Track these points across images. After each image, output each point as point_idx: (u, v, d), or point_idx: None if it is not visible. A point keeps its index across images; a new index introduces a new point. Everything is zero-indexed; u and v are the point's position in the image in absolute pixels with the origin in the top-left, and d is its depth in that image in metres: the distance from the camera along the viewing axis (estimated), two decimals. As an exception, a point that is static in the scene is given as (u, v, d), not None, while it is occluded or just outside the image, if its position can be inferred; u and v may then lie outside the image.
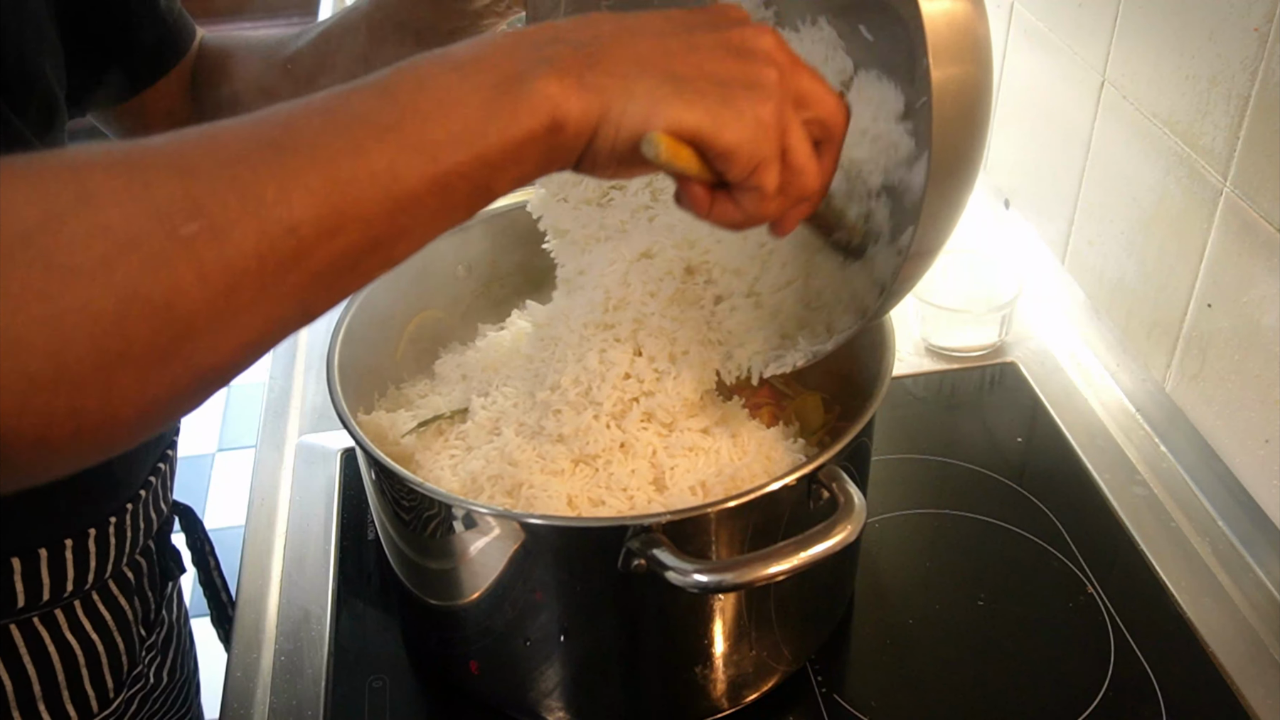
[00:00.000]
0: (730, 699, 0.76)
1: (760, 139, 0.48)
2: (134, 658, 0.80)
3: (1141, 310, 1.00)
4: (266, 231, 0.39)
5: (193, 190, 0.38)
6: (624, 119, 0.46)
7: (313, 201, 0.40)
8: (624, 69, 0.47)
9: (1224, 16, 0.83)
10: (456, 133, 0.43)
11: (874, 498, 0.89)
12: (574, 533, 0.67)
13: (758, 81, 0.49)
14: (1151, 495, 0.94)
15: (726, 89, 0.48)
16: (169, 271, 0.37)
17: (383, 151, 0.42)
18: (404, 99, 0.43)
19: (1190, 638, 0.82)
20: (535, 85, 0.44)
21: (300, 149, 0.40)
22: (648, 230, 0.77)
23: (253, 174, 0.39)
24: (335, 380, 0.74)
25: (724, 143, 0.48)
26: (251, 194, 0.39)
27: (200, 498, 2.40)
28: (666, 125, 0.47)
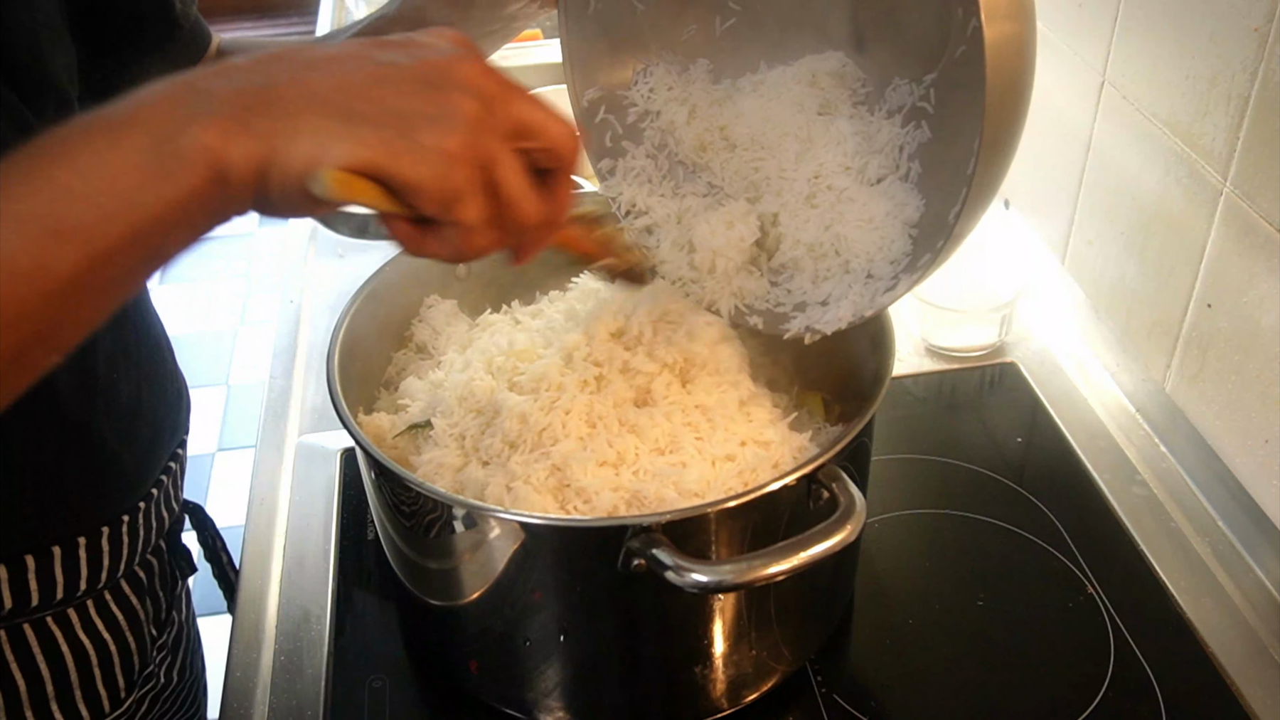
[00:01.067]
0: (730, 699, 0.76)
1: (448, 173, 0.46)
2: (145, 657, 0.80)
3: (1141, 310, 1.00)
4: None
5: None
6: (290, 160, 0.44)
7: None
8: (294, 108, 0.44)
9: (1224, 16, 0.83)
10: (109, 209, 0.41)
11: (874, 498, 0.89)
12: (574, 533, 0.67)
13: (445, 113, 0.46)
14: (1151, 495, 0.94)
15: (406, 121, 0.45)
16: None
17: (26, 243, 0.40)
18: (47, 177, 0.41)
19: (1190, 638, 0.82)
20: (193, 139, 0.42)
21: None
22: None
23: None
24: (335, 380, 0.74)
25: (403, 177, 0.45)
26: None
27: (200, 498, 2.38)
28: (335, 162, 0.44)
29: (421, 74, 0.47)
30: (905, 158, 0.71)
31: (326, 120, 0.44)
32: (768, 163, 0.76)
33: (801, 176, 0.74)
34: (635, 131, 0.80)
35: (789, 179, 0.75)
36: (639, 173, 0.79)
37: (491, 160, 0.47)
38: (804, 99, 0.74)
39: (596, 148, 0.80)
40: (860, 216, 0.71)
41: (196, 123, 0.43)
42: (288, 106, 0.44)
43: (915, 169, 0.71)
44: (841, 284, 0.72)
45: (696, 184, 0.79)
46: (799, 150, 0.74)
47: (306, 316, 1.19)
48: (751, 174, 0.77)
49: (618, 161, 0.80)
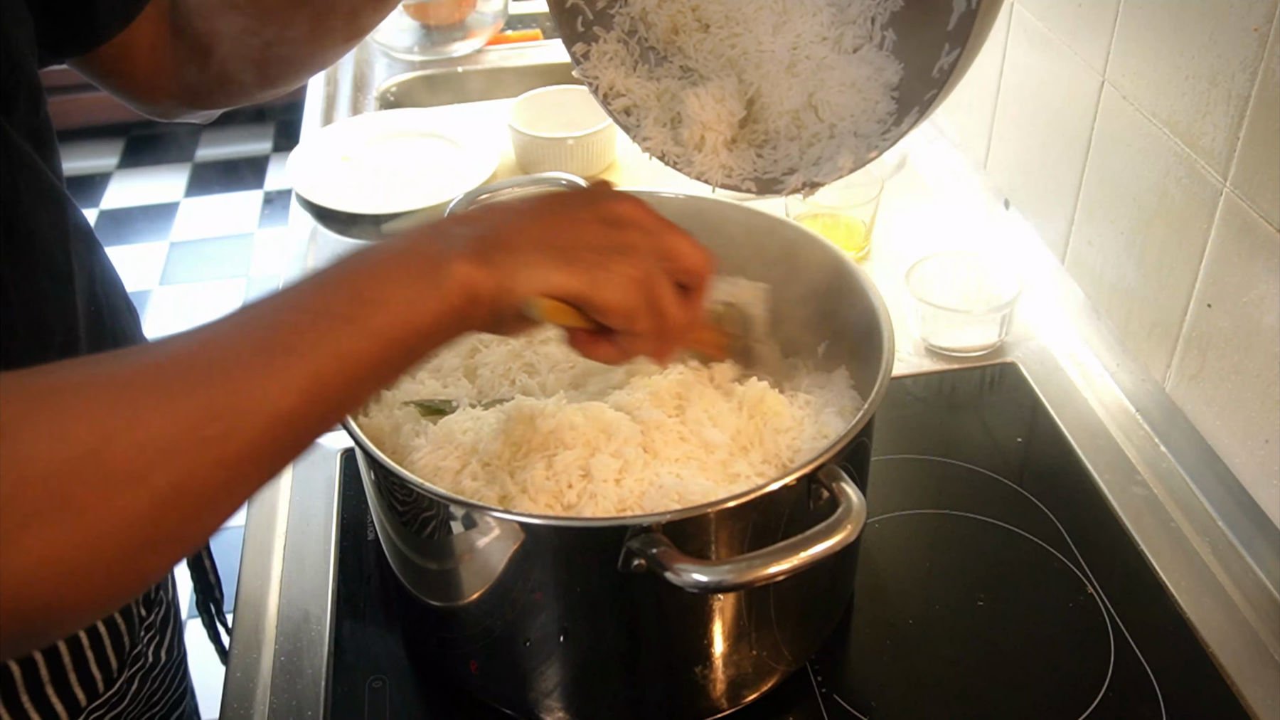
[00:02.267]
0: (730, 699, 0.76)
1: (631, 294, 0.58)
2: (134, 637, 0.80)
3: (1141, 310, 1.00)
4: (270, 423, 0.48)
5: (210, 399, 0.46)
6: (517, 286, 0.56)
7: (300, 393, 0.48)
8: (518, 245, 0.57)
9: (1224, 16, 0.83)
10: (400, 316, 0.52)
11: (874, 498, 0.89)
12: (574, 533, 0.67)
13: (627, 246, 0.59)
14: (1151, 495, 0.94)
15: (601, 255, 0.58)
16: (198, 467, 0.46)
17: (347, 340, 0.51)
18: (358, 292, 0.52)
19: (1190, 638, 0.82)
20: (453, 268, 0.54)
21: (285, 348, 0.49)
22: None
23: (253, 378, 0.48)
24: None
25: (601, 301, 0.58)
26: (256, 394, 0.47)
27: (200, 498, 2.39)
28: (550, 290, 0.57)
29: (604, 215, 0.60)
30: (878, 27, 0.72)
31: (542, 257, 0.57)
32: (744, 38, 0.77)
33: (780, 48, 0.75)
34: (605, 18, 0.80)
35: (767, 51, 0.76)
36: (612, 56, 0.80)
37: (654, 278, 0.60)
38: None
39: (567, 34, 0.80)
40: (841, 81, 0.73)
41: (454, 256, 0.54)
42: (514, 245, 0.57)
43: (890, 37, 0.72)
44: (830, 146, 0.73)
45: (670, 68, 0.79)
46: (775, 23, 0.75)
47: (306, 316, 1.19)
48: (728, 50, 0.77)
49: (591, 46, 0.80)
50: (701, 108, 0.76)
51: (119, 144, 3.71)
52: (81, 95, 3.72)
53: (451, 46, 1.69)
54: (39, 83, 0.68)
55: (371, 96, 1.63)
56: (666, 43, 0.80)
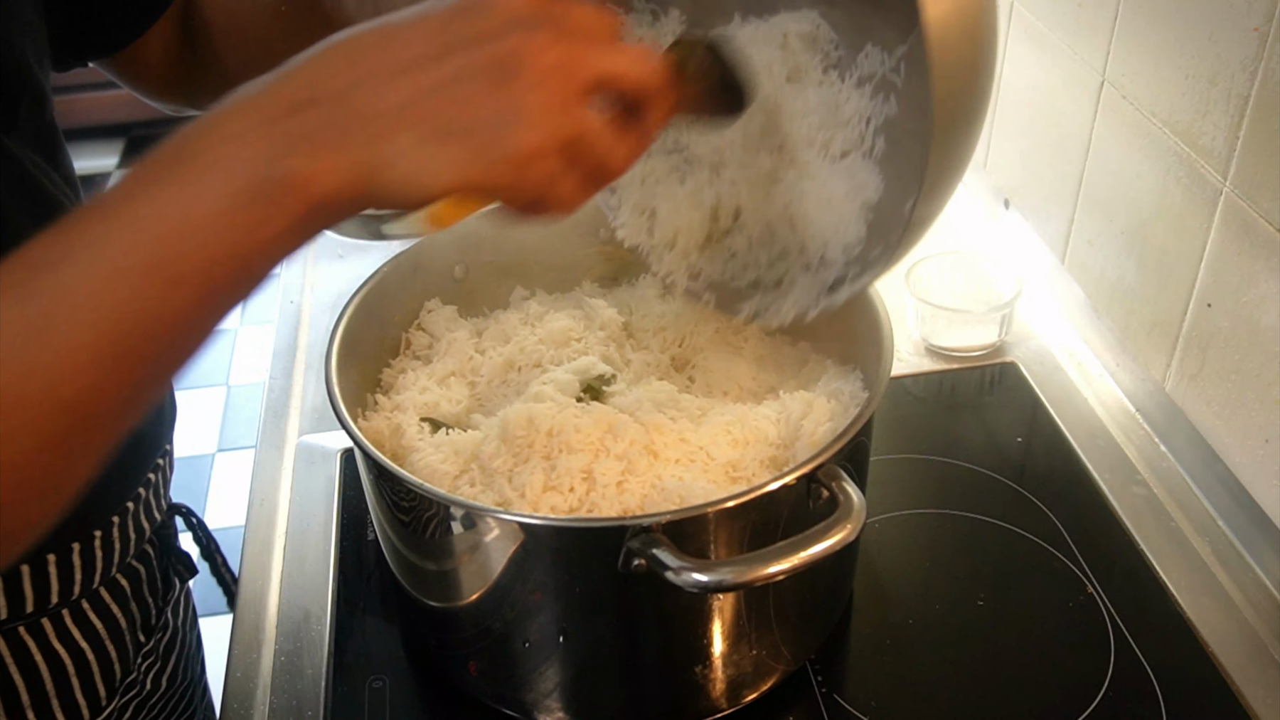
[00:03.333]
0: (730, 699, 0.76)
1: (532, 171, 0.48)
2: (127, 665, 0.79)
3: (1141, 310, 1.00)
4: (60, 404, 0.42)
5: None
6: (387, 187, 0.46)
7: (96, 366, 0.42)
8: (378, 128, 0.46)
9: (1224, 16, 0.83)
10: (220, 250, 0.43)
11: (874, 498, 0.88)
12: (573, 533, 0.67)
13: (520, 110, 0.47)
14: (1151, 495, 0.94)
15: (488, 130, 0.47)
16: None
17: (151, 293, 0.43)
18: (157, 229, 0.43)
19: (1190, 638, 0.82)
20: (287, 176, 0.44)
21: (72, 317, 0.42)
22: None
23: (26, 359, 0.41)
24: (334, 381, 0.74)
25: (495, 186, 0.48)
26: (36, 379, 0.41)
27: (200, 498, 2.40)
28: (434, 189, 0.47)
29: (492, 63, 0.47)
30: (871, 132, 0.69)
31: (414, 141, 0.46)
32: (732, 131, 0.75)
33: (766, 148, 0.74)
34: None
35: (752, 150, 0.75)
36: None
37: (573, 135, 0.49)
38: (774, 63, 0.73)
39: None
40: (820, 195, 0.71)
41: (285, 159, 0.44)
42: (374, 126, 0.45)
43: (880, 145, 0.69)
44: (796, 265, 0.73)
45: (663, 139, 0.79)
46: (764, 123, 0.74)
47: (306, 316, 1.19)
48: (716, 139, 0.77)
49: None
50: (674, 211, 0.75)
51: (119, 144, 3.71)
52: (81, 95, 3.73)
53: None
54: (45, 89, 0.67)
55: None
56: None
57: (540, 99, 0.47)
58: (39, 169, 0.67)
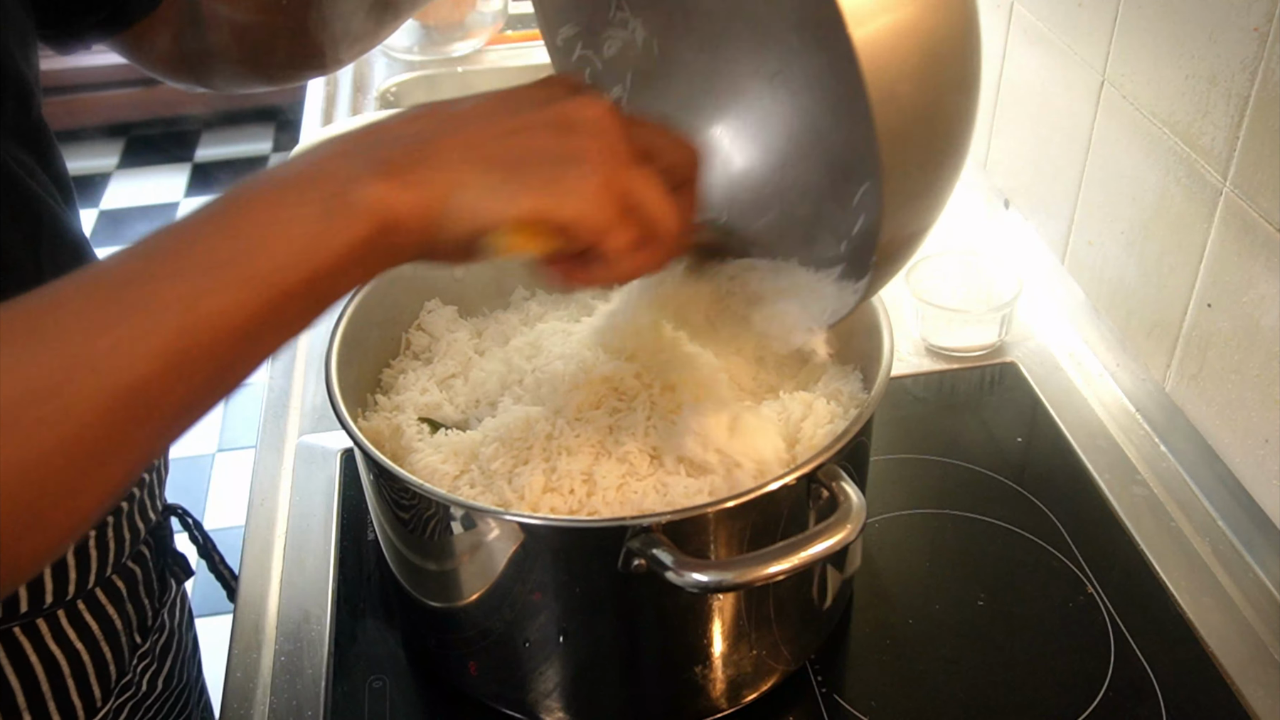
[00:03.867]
0: (730, 699, 0.76)
1: (596, 208, 0.50)
2: (123, 666, 0.79)
3: (1141, 310, 1.00)
4: (117, 397, 0.41)
5: (40, 371, 0.40)
6: (459, 213, 0.48)
7: (157, 360, 0.42)
8: (450, 161, 0.48)
9: (1224, 16, 0.83)
10: (288, 257, 0.44)
11: (874, 498, 0.89)
12: (573, 533, 0.67)
13: (582, 155, 0.50)
14: (1151, 495, 0.94)
15: (554, 167, 0.50)
16: (31, 452, 0.39)
17: (218, 291, 0.43)
18: (234, 232, 0.45)
19: (1190, 638, 0.82)
20: (362, 192, 0.46)
21: (139, 305, 0.42)
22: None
23: (94, 344, 0.41)
24: (334, 381, 0.74)
25: (560, 219, 0.50)
26: (98, 364, 0.41)
27: (200, 498, 2.40)
28: (501, 218, 0.48)
29: (552, 120, 0.51)
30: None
31: (484, 172, 0.48)
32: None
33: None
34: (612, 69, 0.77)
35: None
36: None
37: (629, 188, 0.52)
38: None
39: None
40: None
41: (364, 177, 0.46)
42: (446, 159, 0.48)
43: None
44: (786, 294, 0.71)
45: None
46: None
47: (306, 317, 1.19)
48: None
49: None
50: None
51: (119, 144, 3.71)
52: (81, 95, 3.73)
53: (451, 46, 1.69)
54: (30, 83, 0.67)
55: (371, 96, 1.63)
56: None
57: (599, 148, 0.51)
58: (23, 167, 0.66)
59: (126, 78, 3.35)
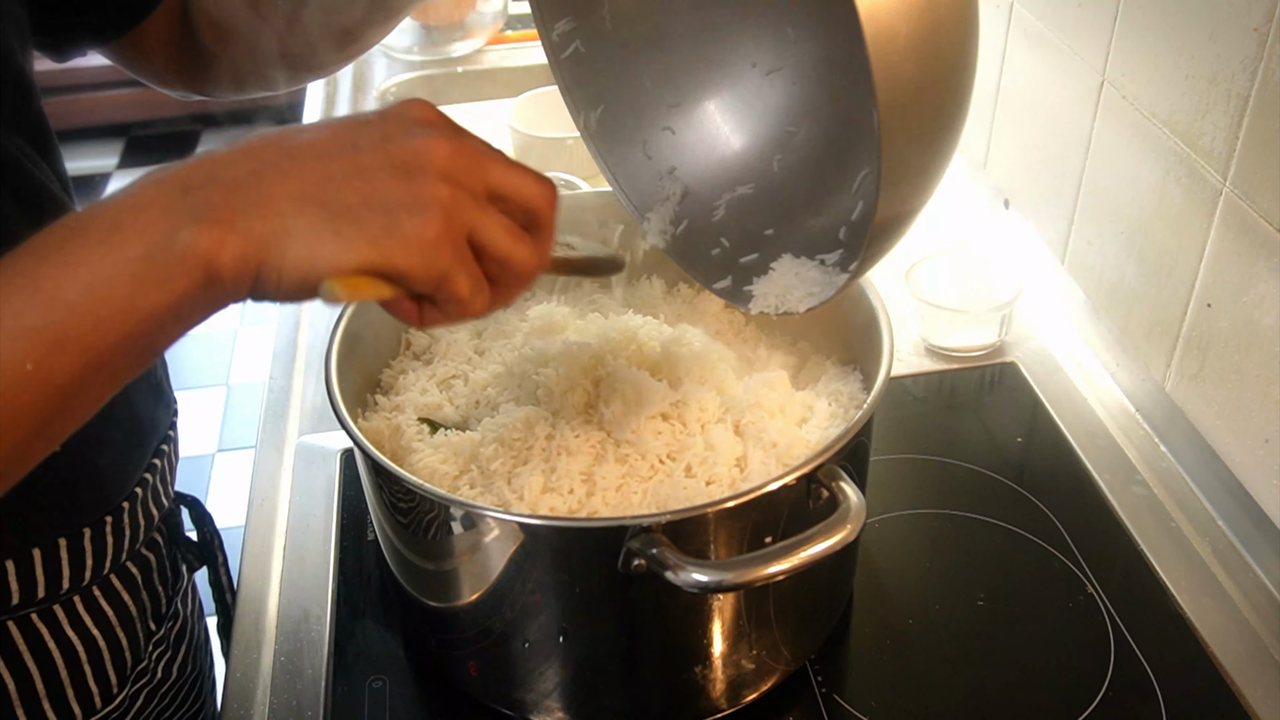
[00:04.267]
0: (730, 699, 0.76)
1: (433, 257, 0.49)
2: (138, 653, 0.80)
3: (1141, 310, 1.00)
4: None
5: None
6: (285, 263, 0.46)
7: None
8: (280, 208, 0.47)
9: (1224, 16, 0.83)
10: (104, 316, 0.44)
11: (874, 498, 0.89)
12: (573, 533, 0.67)
13: (421, 200, 0.49)
14: (1151, 495, 0.94)
15: (389, 216, 0.48)
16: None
17: (30, 357, 0.43)
18: (48, 288, 0.43)
19: (1190, 638, 0.82)
20: (185, 245, 0.45)
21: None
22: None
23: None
24: (334, 381, 0.74)
25: (395, 270, 0.48)
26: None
27: (200, 498, 2.39)
28: (331, 269, 0.47)
29: (395, 161, 0.49)
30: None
31: (314, 221, 0.47)
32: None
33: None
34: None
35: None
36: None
37: (472, 230, 0.50)
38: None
39: (572, 86, 0.77)
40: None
41: (187, 228, 0.45)
42: (275, 205, 0.46)
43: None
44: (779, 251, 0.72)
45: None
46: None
47: (306, 317, 1.19)
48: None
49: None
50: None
51: (119, 144, 3.71)
52: (81, 95, 3.72)
53: (451, 46, 1.69)
54: (29, 78, 0.67)
55: (371, 96, 1.63)
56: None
57: (441, 192, 0.49)
58: (27, 157, 0.66)
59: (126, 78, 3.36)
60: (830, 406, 0.79)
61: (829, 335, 0.86)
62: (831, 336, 0.86)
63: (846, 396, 0.80)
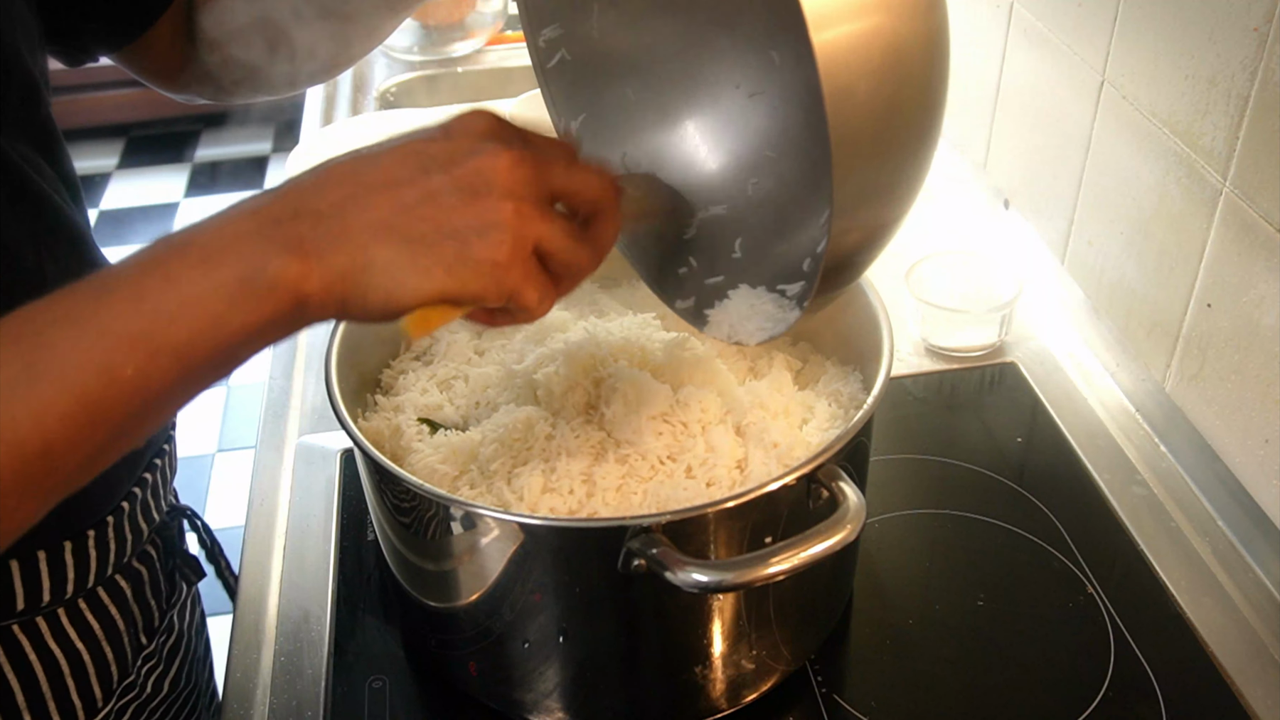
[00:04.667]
0: (730, 699, 0.76)
1: (503, 277, 0.52)
2: (125, 667, 0.79)
3: (1141, 310, 1.00)
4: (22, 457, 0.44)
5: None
6: (369, 294, 0.50)
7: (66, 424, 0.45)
8: (361, 240, 0.50)
9: (1224, 16, 0.83)
10: (202, 330, 0.47)
11: (874, 498, 0.89)
12: (573, 533, 0.67)
13: (489, 222, 0.52)
14: (1151, 495, 0.94)
15: (460, 242, 0.51)
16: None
17: (131, 362, 0.46)
18: (150, 302, 0.47)
19: (1190, 638, 0.82)
20: (275, 273, 0.48)
21: (51, 374, 0.44)
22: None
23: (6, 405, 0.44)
24: (334, 381, 0.74)
25: (469, 294, 0.52)
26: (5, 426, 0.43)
27: (200, 498, 2.40)
28: (412, 299, 0.51)
29: (462, 184, 0.52)
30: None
31: (393, 252, 0.50)
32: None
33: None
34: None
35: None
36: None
37: (537, 241, 0.54)
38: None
39: (556, 93, 0.76)
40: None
41: (279, 257, 0.49)
42: (356, 238, 0.50)
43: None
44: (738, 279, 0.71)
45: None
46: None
47: (306, 317, 1.19)
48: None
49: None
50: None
51: (119, 144, 3.71)
52: (82, 95, 3.72)
53: (451, 46, 1.69)
54: (37, 81, 0.67)
55: (371, 96, 1.63)
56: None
57: (506, 211, 0.52)
58: (30, 164, 0.66)
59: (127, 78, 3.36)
60: (830, 407, 0.79)
61: (829, 335, 0.86)
62: (831, 336, 0.86)
63: (846, 397, 0.80)
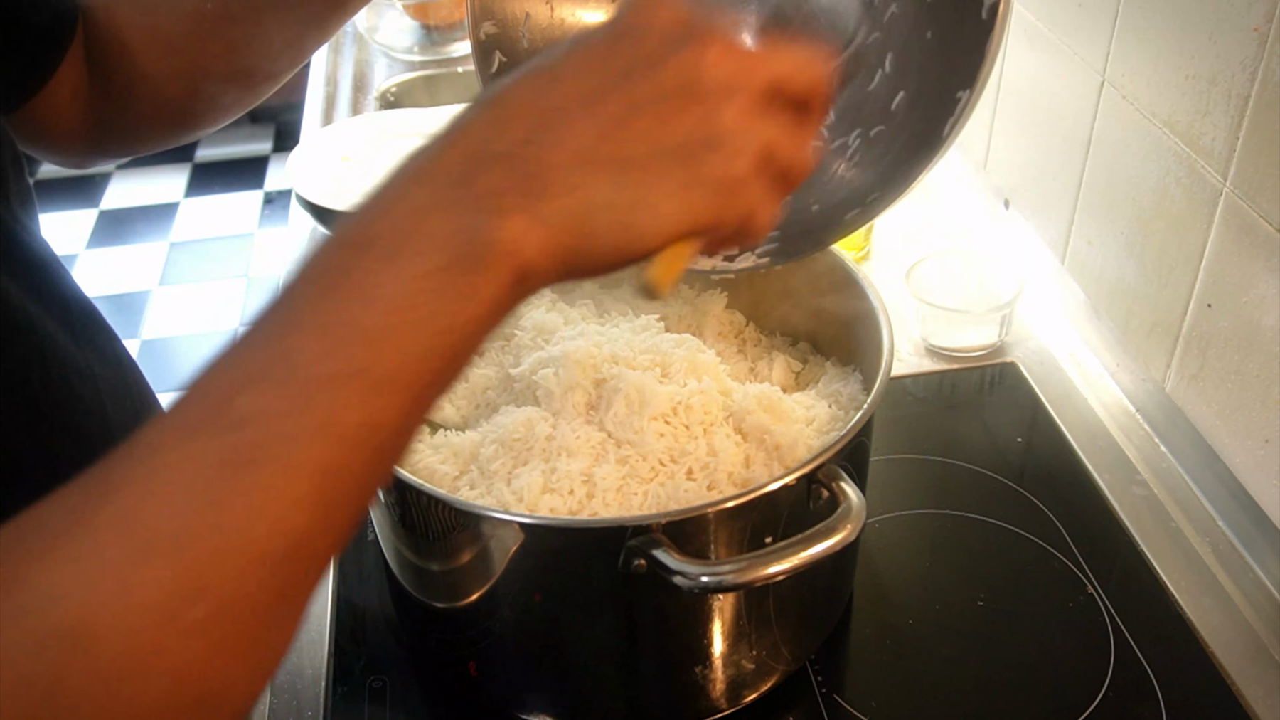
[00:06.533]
0: (730, 699, 0.76)
1: (740, 198, 0.44)
2: None
3: (1141, 310, 1.00)
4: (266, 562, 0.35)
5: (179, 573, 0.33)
6: (596, 243, 0.41)
7: (304, 507, 0.35)
8: (570, 179, 0.40)
9: (1224, 16, 0.83)
10: (418, 342, 0.38)
11: (874, 498, 0.89)
12: (573, 533, 0.67)
13: (715, 132, 0.43)
14: (1151, 495, 0.94)
15: (689, 160, 0.42)
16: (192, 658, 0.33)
17: (349, 404, 0.36)
18: (347, 325, 0.37)
19: (1190, 638, 0.82)
20: (484, 245, 0.39)
21: (276, 459, 0.35)
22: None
23: (227, 515, 0.34)
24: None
25: (708, 225, 0.43)
26: (235, 537, 0.34)
27: (200, 498, 2.39)
28: (654, 241, 0.42)
29: (669, 88, 0.42)
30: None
31: (613, 186, 0.41)
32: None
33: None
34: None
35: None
36: None
37: (767, 145, 0.44)
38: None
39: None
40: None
41: (481, 227, 0.39)
42: (564, 177, 0.40)
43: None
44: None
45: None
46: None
47: (306, 317, 1.19)
48: None
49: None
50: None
51: (119, 144, 3.71)
52: (81, 95, 3.70)
53: (451, 46, 1.69)
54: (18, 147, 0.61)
55: (371, 97, 1.63)
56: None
57: (729, 117, 0.43)
58: (28, 234, 0.60)
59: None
60: (830, 407, 0.79)
61: (829, 335, 0.86)
62: (831, 337, 0.86)
63: (846, 397, 0.80)
